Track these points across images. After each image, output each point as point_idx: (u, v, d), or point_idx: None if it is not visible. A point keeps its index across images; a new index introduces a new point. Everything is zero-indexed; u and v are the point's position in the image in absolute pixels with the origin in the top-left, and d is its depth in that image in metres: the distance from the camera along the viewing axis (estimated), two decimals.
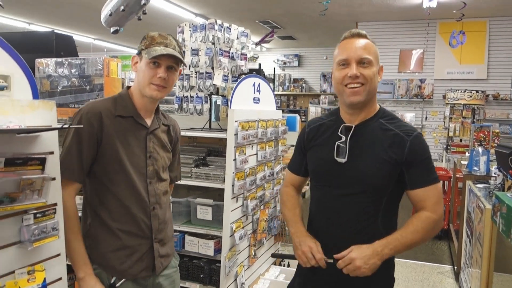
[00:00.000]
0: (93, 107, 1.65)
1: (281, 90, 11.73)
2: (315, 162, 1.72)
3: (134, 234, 1.69)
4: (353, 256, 1.49)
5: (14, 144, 1.29)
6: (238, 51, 3.05)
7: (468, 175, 3.95)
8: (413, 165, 1.56)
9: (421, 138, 1.60)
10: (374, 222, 1.60)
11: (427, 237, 1.57)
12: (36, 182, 1.30)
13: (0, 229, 1.25)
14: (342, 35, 1.65)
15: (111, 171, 1.64)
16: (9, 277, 1.29)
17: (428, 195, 1.57)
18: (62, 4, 7.54)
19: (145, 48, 1.65)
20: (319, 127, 1.75)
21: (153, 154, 1.74)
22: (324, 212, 1.68)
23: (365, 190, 1.58)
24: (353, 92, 1.56)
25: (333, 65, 1.65)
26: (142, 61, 1.67)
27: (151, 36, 1.67)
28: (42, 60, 3.21)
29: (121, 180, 1.65)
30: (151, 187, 1.73)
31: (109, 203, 1.67)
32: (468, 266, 3.34)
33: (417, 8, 7.39)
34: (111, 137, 1.64)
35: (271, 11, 7.90)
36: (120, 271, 1.68)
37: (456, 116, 7.33)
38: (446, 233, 5.45)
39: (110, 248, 1.67)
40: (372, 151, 1.58)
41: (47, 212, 1.39)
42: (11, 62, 1.33)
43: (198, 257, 2.81)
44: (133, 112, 1.70)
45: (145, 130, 1.72)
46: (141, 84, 1.67)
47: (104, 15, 4.29)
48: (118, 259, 1.67)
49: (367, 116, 1.64)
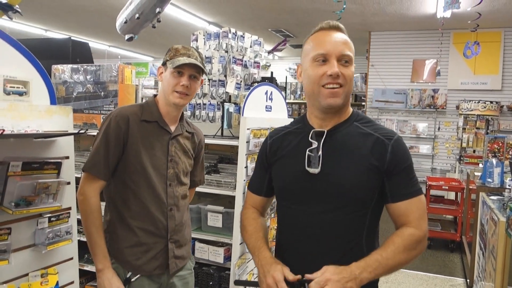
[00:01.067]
0: (121, 111, 1.77)
1: (293, 98, 11.73)
2: (282, 177, 1.46)
3: (151, 232, 1.78)
4: (328, 277, 1.23)
5: (31, 148, 1.32)
6: (251, 59, 3.07)
7: (482, 186, 3.90)
8: (394, 173, 1.34)
9: (402, 142, 1.38)
10: (358, 243, 1.37)
11: (411, 258, 1.33)
12: (52, 186, 1.33)
13: (16, 231, 1.28)
14: (317, 26, 1.41)
15: (133, 171, 1.74)
16: (23, 280, 1.31)
17: (412, 209, 1.34)
18: (78, 12, 7.67)
19: (169, 59, 1.78)
20: (283, 136, 1.51)
21: (175, 158, 1.84)
22: (297, 237, 1.42)
23: (345, 205, 1.34)
24: (332, 93, 1.32)
25: (304, 60, 1.42)
26: (167, 71, 1.80)
27: (175, 48, 1.80)
28: (58, 66, 3.27)
29: (142, 180, 1.75)
30: (170, 189, 1.83)
31: (130, 202, 1.75)
32: (481, 280, 3.29)
33: (431, 18, 7.36)
34: (135, 139, 1.74)
35: (283, 20, 7.94)
36: (135, 267, 1.76)
37: (470, 127, 7.26)
38: (459, 245, 5.37)
39: (127, 244, 1.76)
40: (350, 159, 1.35)
41: (62, 216, 1.41)
42: (30, 68, 1.36)
43: (207, 264, 2.81)
44: (158, 118, 1.81)
45: (168, 135, 1.83)
46: (166, 92, 1.80)
47: (119, 22, 4.36)
48: (134, 255, 1.76)
49: (340, 120, 1.41)
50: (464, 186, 5.39)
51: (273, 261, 1.39)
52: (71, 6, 7.27)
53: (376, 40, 8.64)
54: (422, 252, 1.38)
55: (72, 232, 1.44)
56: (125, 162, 1.74)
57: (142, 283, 1.77)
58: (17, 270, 1.30)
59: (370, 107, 8.72)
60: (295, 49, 10.69)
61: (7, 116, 1.23)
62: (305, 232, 1.40)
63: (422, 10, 6.97)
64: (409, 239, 1.32)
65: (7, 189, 1.22)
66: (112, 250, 1.75)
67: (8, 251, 1.22)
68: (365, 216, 1.37)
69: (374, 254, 1.30)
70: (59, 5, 7.23)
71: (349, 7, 6.64)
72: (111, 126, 1.71)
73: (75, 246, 1.48)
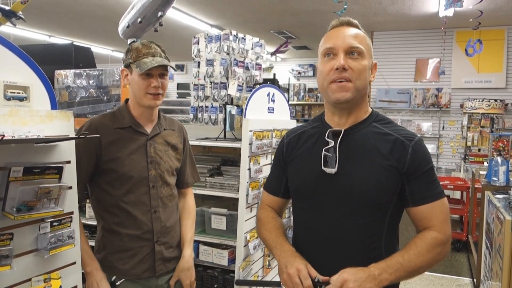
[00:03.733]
0: (90, 126, 1.75)
1: (296, 100, 11.72)
2: (298, 177, 1.43)
3: (136, 236, 1.77)
4: (345, 277, 1.20)
5: (32, 153, 1.32)
6: (253, 61, 3.07)
7: (487, 185, 3.88)
8: (415, 176, 1.30)
9: (423, 144, 1.34)
10: (377, 248, 1.32)
11: (433, 262, 1.29)
12: (53, 191, 1.33)
13: (18, 236, 1.28)
14: (330, 24, 1.41)
15: (114, 179, 1.74)
16: (25, 285, 1.31)
17: (435, 213, 1.30)
18: (81, 17, 7.71)
19: (133, 62, 1.72)
20: (300, 135, 1.48)
21: (155, 159, 1.82)
22: (312, 242, 1.39)
23: (363, 207, 1.30)
24: (339, 87, 1.29)
25: (318, 59, 1.39)
26: (133, 73, 1.75)
27: (136, 48, 1.74)
28: (61, 71, 3.29)
29: (122, 186, 1.74)
30: (154, 190, 1.81)
31: (113, 209, 1.76)
32: (488, 279, 3.26)
33: (433, 17, 7.33)
34: (111, 149, 1.73)
35: (285, 21, 7.94)
36: (123, 271, 1.76)
37: (474, 126, 7.21)
38: (465, 245, 5.34)
39: (114, 250, 1.76)
40: (368, 160, 1.30)
41: (64, 221, 1.41)
42: (30, 74, 1.36)
43: (212, 267, 2.80)
44: (131, 122, 1.79)
45: (145, 137, 1.81)
46: (138, 95, 1.76)
47: (122, 27, 4.37)
48: (120, 260, 1.76)
49: (358, 119, 1.37)
50: (469, 185, 5.36)
51: (297, 255, 1.34)
52: (74, 12, 7.31)
53: (379, 40, 8.62)
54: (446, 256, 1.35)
55: (74, 237, 1.43)
56: (103, 172, 1.74)
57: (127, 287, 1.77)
58: (20, 275, 1.30)
59: (374, 107, 8.64)
60: (298, 50, 10.68)
61: (8, 122, 1.23)
62: (321, 237, 1.36)
63: (424, 9, 6.94)
64: (432, 242, 1.28)
65: (9, 195, 1.22)
66: (100, 257, 1.77)
67: (11, 256, 1.22)
68: (384, 220, 1.32)
69: (395, 255, 1.27)
70: (62, 11, 7.27)
71: (351, 8, 6.62)
72: (81, 143, 1.66)
73: (77, 251, 1.48)
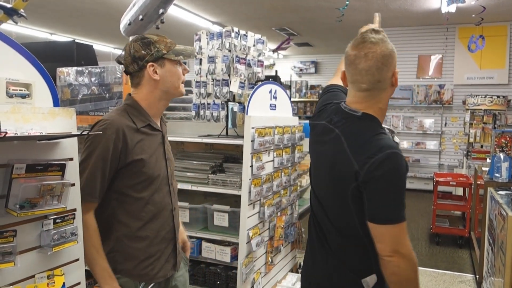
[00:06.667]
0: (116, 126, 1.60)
1: (298, 97, 11.72)
2: None
3: (162, 238, 1.72)
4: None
5: (35, 150, 1.32)
6: (255, 58, 3.06)
7: (490, 181, 3.86)
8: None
9: None
10: None
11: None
12: (56, 188, 1.33)
13: (21, 234, 1.28)
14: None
15: (140, 182, 1.64)
16: (29, 281, 1.32)
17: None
18: (83, 15, 7.71)
19: (167, 52, 1.67)
20: None
21: (169, 156, 1.79)
22: None
23: None
24: None
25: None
26: (166, 65, 1.68)
27: (161, 40, 1.69)
28: (63, 69, 3.28)
29: (149, 187, 1.66)
30: (171, 188, 1.77)
31: (138, 213, 1.66)
32: (491, 275, 3.26)
33: (435, 13, 7.31)
34: (135, 151, 1.62)
35: (287, 18, 7.92)
36: (151, 277, 1.69)
37: (477, 122, 7.20)
38: (468, 241, 5.33)
39: (140, 258, 1.67)
40: None
41: (67, 218, 1.41)
42: (32, 71, 1.36)
43: (214, 264, 2.81)
44: (149, 120, 1.71)
45: (160, 134, 1.76)
46: (175, 85, 1.71)
47: (123, 24, 4.36)
48: (150, 266, 1.69)
49: None
50: (472, 181, 5.35)
51: None
52: (76, 9, 7.31)
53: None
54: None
55: (77, 234, 1.43)
56: (127, 176, 1.62)
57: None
58: (23, 272, 1.30)
59: None
60: (300, 47, 10.66)
61: (10, 119, 1.23)
62: None
63: (426, 5, 6.92)
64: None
65: (12, 192, 1.23)
66: (123, 267, 1.65)
67: (14, 253, 1.23)
68: None
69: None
70: (63, 8, 7.27)
71: (353, 4, 6.61)
72: (109, 147, 1.56)
73: (80, 247, 1.48)
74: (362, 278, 1.43)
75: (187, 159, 3.06)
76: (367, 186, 1.32)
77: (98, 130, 1.57)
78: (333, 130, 1.46)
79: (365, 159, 1.32)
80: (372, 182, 1.31)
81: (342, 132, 1.43)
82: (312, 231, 1.62)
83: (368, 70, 1.38)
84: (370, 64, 1.37)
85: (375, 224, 1.33)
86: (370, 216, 1.34)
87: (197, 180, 2.84)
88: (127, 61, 1.69)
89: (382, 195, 1.32)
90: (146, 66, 1.66)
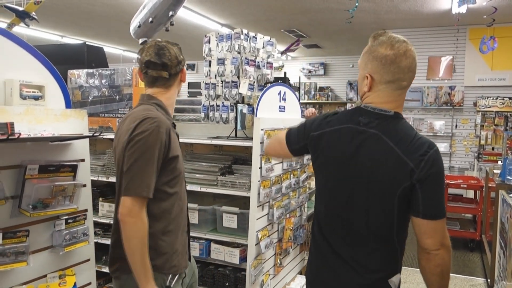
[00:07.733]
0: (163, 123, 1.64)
1: (307, 99, 11.69)
2: None
3: (183, 230, 1.81)
4: None
5: (48, 151, 1.34)
6: (264, 60, 3.07)
7: (501, 184, 3.83)
8: None
9: None
10: None
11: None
12: (68, 189, 1.35)
13: (34, 233, 1.30)
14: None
15: (173, 177, 1.71)
16: (41, 281, 1.33)
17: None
18: (93, 18, 7.79)
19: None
20: None
21: (182, 153, 1.87)
22: None
23: None
24: None
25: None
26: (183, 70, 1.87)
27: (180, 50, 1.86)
28: (74, 71, 3.32)
29: (179, 182, 1.76)
30: (185, 184, 1.87)
31: (170, 208, 1.71)
32: (502, 279, 3.22)
33: (446, 14, 7.25)
34: (173, 146, 1.69)
35: (296, 20, 7.91)
36: (178, 268, 1.75)
37: (488, 124, 7.12)
38: (479, 244, 5.27)
39: (170, 252, 1.72)
40: None
41: (78, 218, 1.43)
42: (45, 73, 1.38)
43: (223, 265, 2.81)
44: (171, 119, 1.81)
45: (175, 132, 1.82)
46: (181, 86, 1.89)
47: (133, 27, 4.40)
48: (176, 258, 1.74)
49: None
50: (483, 184, 5.29)
51: None
52: (86, 12, 7.38)
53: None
54: None
55: (89, 234, 1.45)
56: (164, 173, 1.66)
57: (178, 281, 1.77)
58: (36, 272, 1.32)
59: None
60: (309, 49, 10.64)
61: (24, 120, 1.25)
62: None
63: (436, 6, 6.87)
64: None
65: (25, 192, 1.25)
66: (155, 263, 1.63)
67: (27, 253, 1.24)
68: None
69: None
70: (74, 11, 7.35)
71: (362, 5, 6.58)
72: (158, 144, 1.60)
73: (92, 248, 1.50)
74: (388, 278, 1.44)
75: (196, 160, 3.07)
76: (424, 184, 1.34)
77: (150, 128, 1.59)
78: (365, 131, 1.43)
79: (419, 157, 1.34)
80: (430, 179, 1.34)
81: (382, 132, 1.40)
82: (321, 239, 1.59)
83: (410, 67, 1.44)
84: (410, 61, 1.43)
85: (429, 220, 1.35)
86: (425, 213, 1.35)
87: (206, 182, 2.84)
88: (173, 63, 1.77)
89: (438, 191, 1.37)
90: (183, 70, 1.83)
